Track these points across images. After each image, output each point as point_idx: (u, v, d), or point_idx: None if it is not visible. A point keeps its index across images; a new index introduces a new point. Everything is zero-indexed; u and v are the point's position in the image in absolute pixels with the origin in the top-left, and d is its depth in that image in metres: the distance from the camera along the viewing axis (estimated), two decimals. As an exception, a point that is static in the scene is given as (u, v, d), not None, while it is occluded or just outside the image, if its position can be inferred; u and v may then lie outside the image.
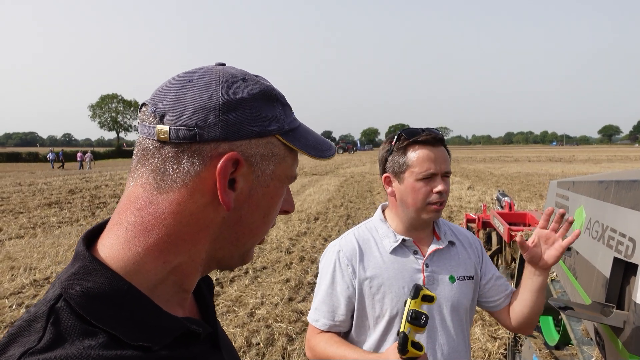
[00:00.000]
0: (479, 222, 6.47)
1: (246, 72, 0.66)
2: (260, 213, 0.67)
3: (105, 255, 0.59)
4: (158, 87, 0.65)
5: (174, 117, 0.60)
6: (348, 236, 1.64)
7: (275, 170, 0.66)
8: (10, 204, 13.90)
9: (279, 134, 0.65)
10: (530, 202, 13.45)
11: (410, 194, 1.53)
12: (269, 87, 0.66)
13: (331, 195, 15.82)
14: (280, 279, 6.45)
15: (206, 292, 0.76)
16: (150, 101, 0.63)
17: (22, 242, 8.84)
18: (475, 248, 1.69)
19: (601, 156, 51.92)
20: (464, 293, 1.59)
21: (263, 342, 4.50)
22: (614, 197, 1.71)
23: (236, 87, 0.62)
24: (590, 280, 1.82)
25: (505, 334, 4.46)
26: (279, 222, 10.65)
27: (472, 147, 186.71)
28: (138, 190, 0.61)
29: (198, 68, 0.65)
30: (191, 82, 0.62)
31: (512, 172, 27.60)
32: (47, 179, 23.31)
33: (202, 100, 0.60)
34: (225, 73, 0.64)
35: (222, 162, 0.60)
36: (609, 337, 1.63)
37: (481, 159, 50.18)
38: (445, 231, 1.65)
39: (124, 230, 0.60)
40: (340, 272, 1.57)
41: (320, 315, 1.58)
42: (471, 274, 1.62)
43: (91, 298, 0.55)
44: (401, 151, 1.54)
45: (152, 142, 0.61)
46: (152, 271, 0.60)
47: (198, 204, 0.61)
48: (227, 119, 0.60)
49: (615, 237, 1.62)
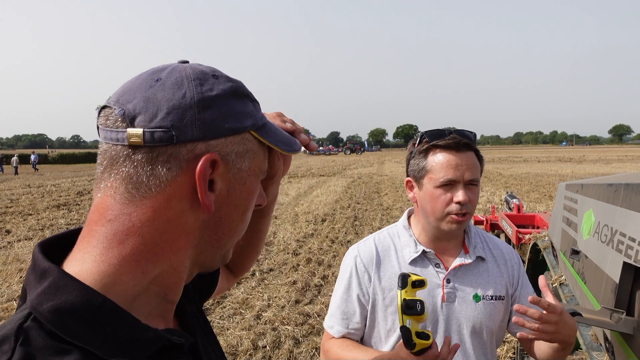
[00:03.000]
0: (487, 224, 6.43)
1: (214, 69, 0.64)
2: (239, 211, 0.66)
3: (77, 269, 0.56)
4: (119, 88, 0.61)
5: (146, 119, 0.56)
6: (368, 241, 1.57)
7: (250, 166, 0.65)
8: (20, 206, 14.02)
9: (252, 129, 0.64)
10: (540, 203, 13.35)
11: (429, 201, 1.42)
12: (239, 84, 0.65)
13: (338, 197, 15.79)
14: (287, 281, 6.43)
15: (183, 300, 0.72)
16: (115, 103, 0.58)
17: (31, 244, 8.91)
18: (511, 266, 1.53)
19: (612, 156, 51.43)
20: (490, 314, 1.45)
21: (269, 345, 4.48)
22: (623, 201, 1.68)
23: (209, 85, 0.60)
24: (599, 285, 1.79)
25: (513, 338, 4.40)
26: (285, 224, 10.66)
27: (481, 148, 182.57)
28: (108, 201, 0.58)
29: (162, 67, 0.62)
30: (160, 81, 0.59)
31: (521, 172, 27.41)
32: (55, 181, 23.48)
33: (176, 100, 0.57)
34: (194, 70, 0.61)
35: (201, 164, 0.57)
36: (618, 343, 1.60)
37: (490, 159, 49.88)
38: (475, 244, 1.51)
39: (96, 242, 0.57)
40: (357, 278, 1.50)
41: (335, 322, 1.53)
42: (501, 294, 1.47)
43: (63, 314, 0.52)
44: (422, 154, 1.44)
45: (122, 148, 0.57)
46: (129, 283, 0.57)
47: (175, 209, 0.58)
48: (204, 117, 0.58)
49: (624, 241, 1.59)
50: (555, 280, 2.69)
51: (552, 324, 1.19)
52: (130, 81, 0.61)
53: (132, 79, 0.61)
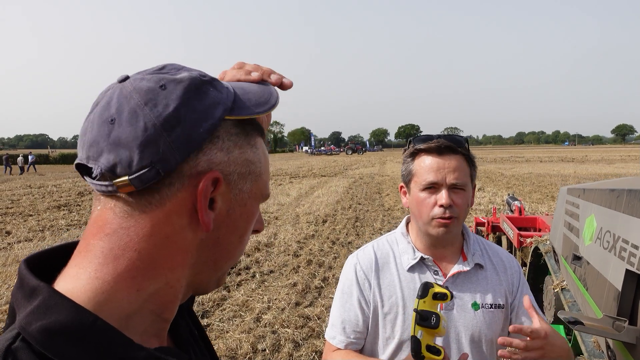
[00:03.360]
0: (488, 226, 6.40)
1: (158, 75, 0.59)
2: (237, 234, 0.64)
3: (70, 287, 0.55)
4: (81, 140, 0.58)
5: (125, 167, 0.54)
6: (367, 248, 1.56)
7: (252, 189, 0.63)
8: (20, 207, 14.04)
9: (227, 114, 0.60)
10: (542, 203, 13.31)
11: (416, 205, 1.44)
12: (189, 78, 0.59)
13: (340, 197, 15.77)
14: (287, 283, 6.40)
15: (177, 316, 0.71)
16: (87, 160, 0.56)
17: (31, 245, 8.91)
18: (510, 274, 1.52)
19: (614, 156, 51.39)
20: (489, 323, 1.43)
21: (269, 348, 4.46)
22: (626, 207, 1.65)
23: (162, 101, 0.56)
24: (601, 292, 1.77)
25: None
26: (286, 225, 10.65)
27: (483, 148, 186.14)
28: (107, 214, 0.57)
29: (106, 99, 0.58)
30: (115, 121, 0.55)
31: (523, 172, 27.39)
32: (56, 181, 23.53)
33: (140, 135, 0.54)
34: (140, 92, 0.56)
35: (204, 181, 0.56)
36: (621, 352, 1.57)
37: (492, 159, 49.89)
38: (474, 251, 1.50)
39: (92, 257, 0.56)
40: (357, 286, 1.49)
41: (337, 332, 1.50)
42: (500, 302, 1.46)
43: (53, 334, 0.50)
44: (410, 159, 1.47)
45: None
46: (124, 300, 0.56)
47: (175, 225, 0.57)
48: (177, 137, 0.55)
49: (627, 248, 1.57)
50: (557, 285, 2.67)
51: (538, 350, 1.19)
52: (87, 130, 0.57)
53: (86, 125, 0.58)
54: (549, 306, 2.98)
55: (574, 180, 21.07)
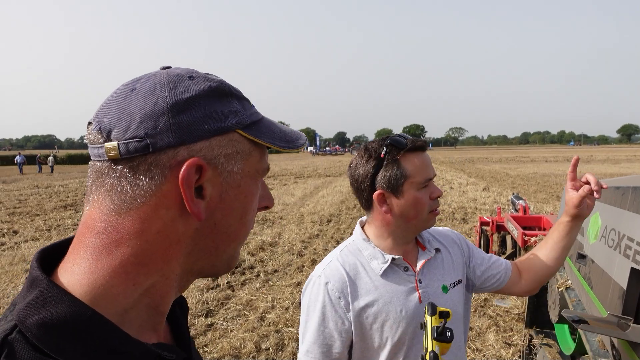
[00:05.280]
0: (492, 226, 6.38)
1: (194, 70, 0.62)
2: (236, 216, 0.63)
3: (67, 280, 0.55)
4: (102, 101, 0.60)
5: (121, 131, 0.55)
6: (332, 264, 1.48)
7: (243, 168, 0.62)
8: (27, 206, 14.13)
9: (239, 128, 0.61)
10: (547, 203, 13.25)
11: (413, 206, 1.41)
12: (219, 82, 0.62)
13: (344, 197, 15.76)
14: (292, 282, 6.41)
15: (180, 314, 0.71)
16: (94, 118, 0.58)
17: (38, 245, 8.96)
18: (459, 245, 1.61)
19: (620, 156, 51.08)
20: (457, 300, 1.52)
21: (273, 348, 4.46)
22: (631, 204, 1.64)
23: (183, 87, 0.58)
24: (606, 291, 1.75)
25: (519, 341, 4.35)
26: (291, 224, 10.66)
27: (488, 148, 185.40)
28: (95, 213, 0.57)
29: (140, 76, 0.61)
30: (134, 91, 0.57)
31: (528, 172, 27.27)
32: (63, 181, 23.64)
33: (148, 107, 0.56)
34: (169, 74, 0.59)
35: (184, 170, 0.55)
36: (626, 352, 1.56)
37: (497, 159, 49.72)
38: (428, 239, 1.55)
39: (85, 254, 0.56)
40: (332, 306, 1.41)
41: (314, 358, 1.42)
42: (459, 277, 1.55)
43: (50, 328, 0.51)
44: (395, 163, 1.41)
45: (104, 162, 0.56)
46: (120, 295, 0.56)
47: (164, 219, 0.57)
48: (179, 121, 0.56)
49: (632, 246, 1.56)
50: (561, 284, 2.65)
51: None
52: (111, 93, 0.60)
53: (114, 91, 0.60)
54: (553, 305, 2.96)
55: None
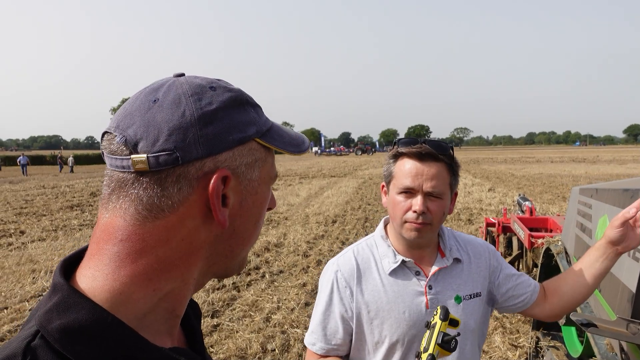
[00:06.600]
0: (499, 227, 6.36)
1: (211, 80, 0.63)
2: (253, 221, 0.66)
3: (87, 286, 0.56)
4: (118, 111, 0.60)
5: (149, 144, 0.55)
6: (347, 254, 1.53)
7: (260, 175, 0.65)
8: (34, 207, 14.21)
9: (257, 137, 0.63)
10: (553, 204, 13.19)
11: (391, 207, 1.44)
12: (238, 92, 0.63)
13: (349, 198, 15.76)
14: (297, 283, 6.42)
15: (193, 317, 0.73)
16: (115, 129, 0.58)
17: (44, 245, 9.01)
18: (487, 258, 1.54)
19: (626, 156, 50.75)
20: (471, 313, 1.46)
21: (278, 348, 4.46)
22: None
23: (207, 99, 0.59)
24: (615, 294, 1.75)
25: (526, 343, 4.34)
26: (296, 225, 10.67)
27: (493, 148, 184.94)
28: (117, 222, 0.57)
29: (158, 84, 0.61)
30: (157, 102, 0.58)
31: (534, 173, 27.16)
32: (69, 182, 23.76)
33: (176, 119, 0.56)
34: (191, 85, 0.60)
35: (214, 182, 0.57)
36: (635, 355, 1.55)
37: (502, 159, 49.56)
38: (450, 246, 1.51)
39: (108, 260, 0.56)
40: (338, 294, 1.47)
41: (316, 339, 1.49)
42: (478, 290, 1.49)
43: (71, 333, 0.51)
44: (392, 160, 1.46)
45: (129, 173, 0.57)
46: (141, 300, 0.57)
47: (189, 228, 0.58)
48: (206, 133, 0.57)
49: (641, 249, 1.54)
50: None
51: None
52: (128, 103, 0.60)
53: (130, 100, 0.60)
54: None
55: (585, 180, 20.85)
